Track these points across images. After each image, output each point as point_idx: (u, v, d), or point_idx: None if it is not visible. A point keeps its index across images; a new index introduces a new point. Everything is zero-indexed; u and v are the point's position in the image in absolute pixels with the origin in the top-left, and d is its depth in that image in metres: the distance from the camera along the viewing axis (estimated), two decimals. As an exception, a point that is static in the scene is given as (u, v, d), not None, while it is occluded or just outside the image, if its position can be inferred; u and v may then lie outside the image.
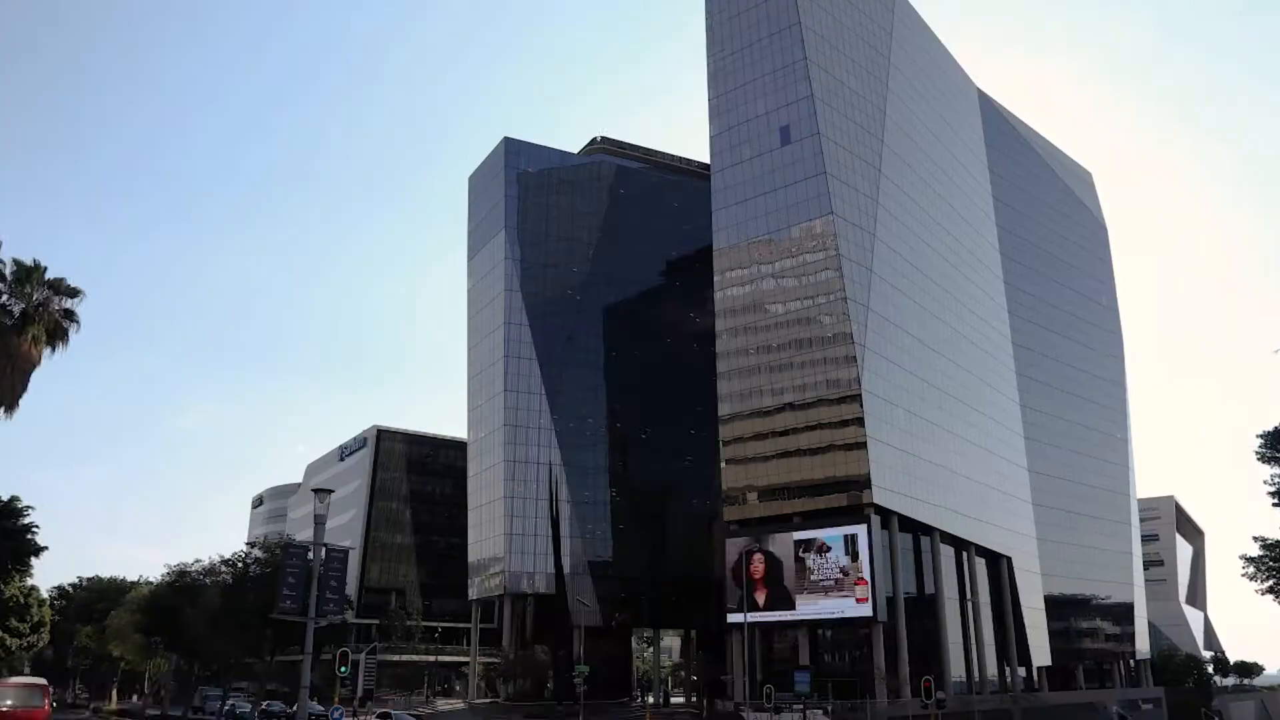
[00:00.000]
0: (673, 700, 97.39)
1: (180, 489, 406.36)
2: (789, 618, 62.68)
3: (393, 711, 51.15)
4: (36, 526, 43.94)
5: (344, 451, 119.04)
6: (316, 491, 38.71)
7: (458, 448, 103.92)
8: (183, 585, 52.18)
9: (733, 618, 64.11)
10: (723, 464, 69.05)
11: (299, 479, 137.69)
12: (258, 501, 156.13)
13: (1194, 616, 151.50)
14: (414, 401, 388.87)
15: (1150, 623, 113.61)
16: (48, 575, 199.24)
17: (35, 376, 35.50)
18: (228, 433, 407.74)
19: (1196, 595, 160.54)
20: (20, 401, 34.48)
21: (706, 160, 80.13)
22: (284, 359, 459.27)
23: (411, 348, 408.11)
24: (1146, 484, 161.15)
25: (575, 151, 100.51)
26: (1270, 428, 34.01)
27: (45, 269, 36.11)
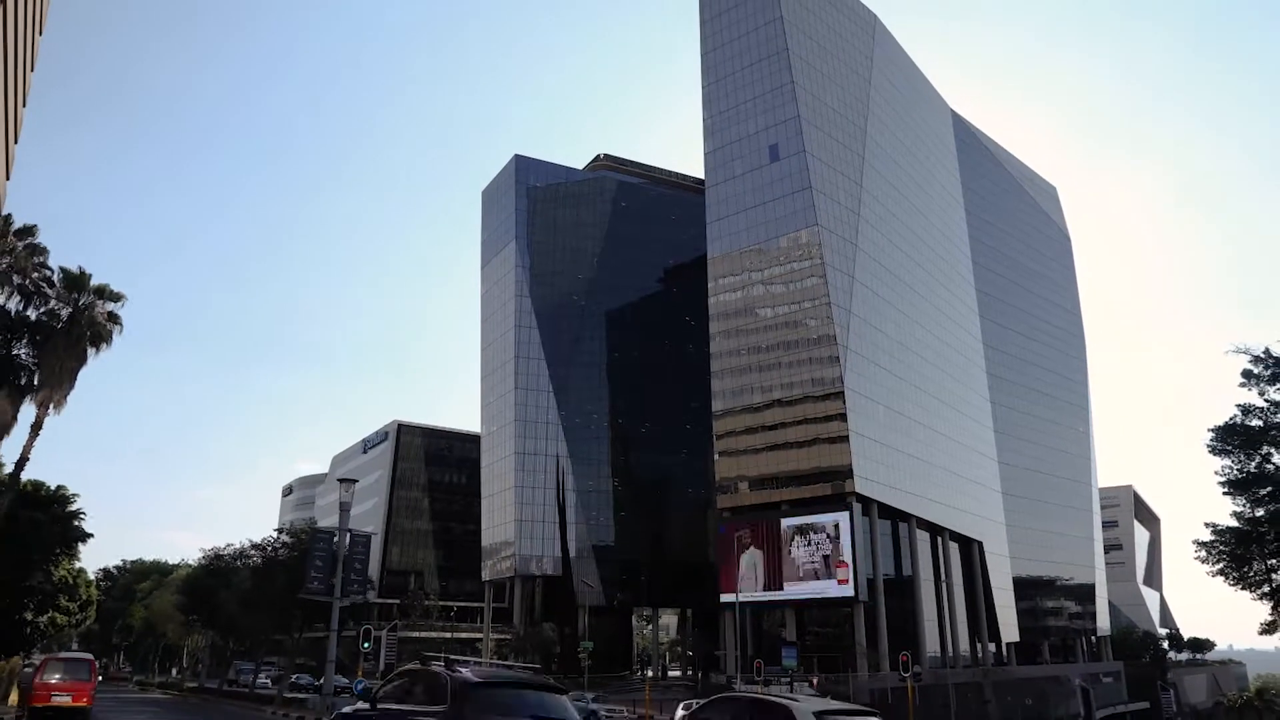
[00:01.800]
0: (670, 674, 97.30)
1: (216, 478, 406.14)
2: (777, 598, 62.69)
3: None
4: (83, 513, 43.88)
5: (367, 444, 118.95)
6: (342, 481, 38.74)
7: (472, 441, 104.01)
8: (217, 568, 52.02)
9: (725, 598, 64.16)
10: (716, 456, 69.05)
11: (326, 469, 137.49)
12: (287, 490, 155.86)
13: (1150, 596, 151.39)
14: (431, 398, 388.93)
15: (1110, 602, 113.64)
16: (93, 558, 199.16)
17: (82, 374, 35.54)
18: (260, 426, 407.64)
19: (1153, 577, 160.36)
20: (68, 398, 34.51)
21: (701, 176, 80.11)
22: (312, 359, 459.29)
23: (429, 349, 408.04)
24: (1107, 474, 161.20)
25: (580, 168, 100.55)
26: (1221, 423, 33.91)
27: (90, 276, 36.18)
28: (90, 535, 44.71)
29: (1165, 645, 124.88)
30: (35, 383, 34.27)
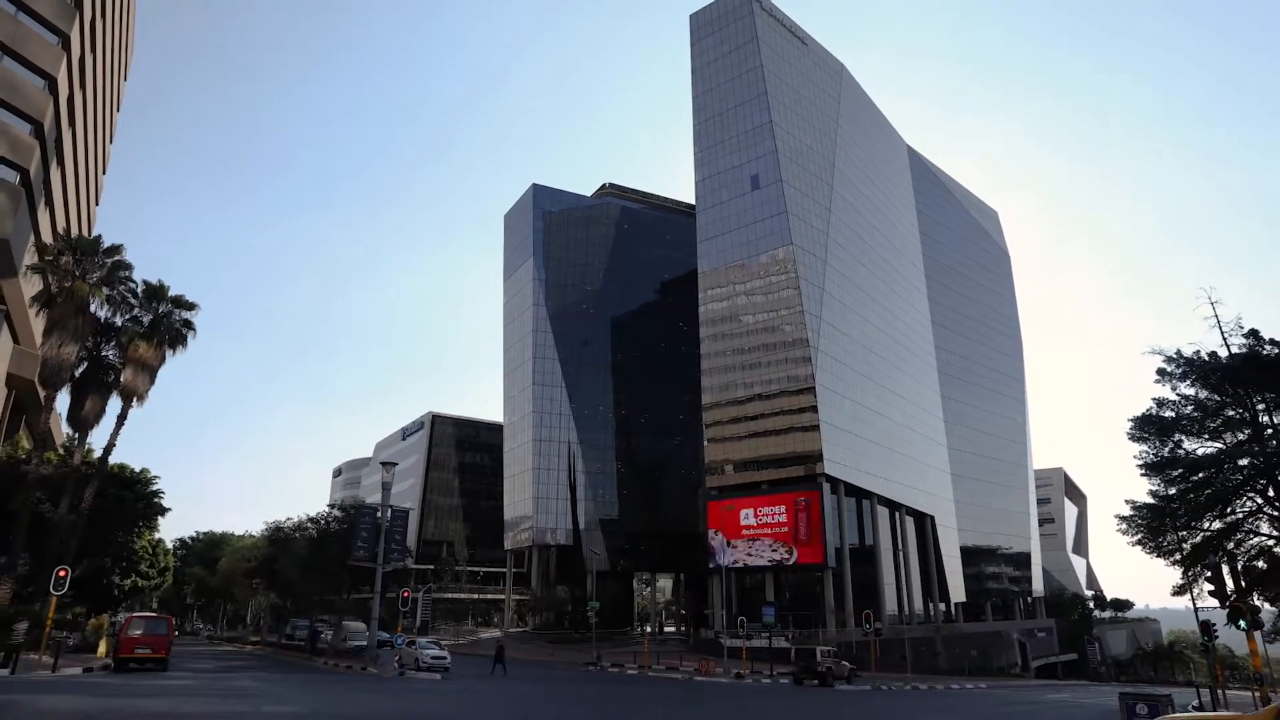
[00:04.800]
0: (666, 630, 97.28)
1: (278, 460, 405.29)
2: (757, 564, 62.66)
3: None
4: (162, 492, 43.75)
5: (406, 432, 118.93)
6: (384, 464, 38.88)
7: (496, 429, 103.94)
8: (277, 539, 52.08)
9: (713, 563, 64.18)
10: (705, 442, 69.01)
11: (370, 454, 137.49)
12: (337, 471, 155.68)
13: (1078, 563, 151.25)
14: (461, 392, 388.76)
15: (1044, 568, 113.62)
16: (170, 530, 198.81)
17: (161, 373, 35.51)
18: (314, 417, 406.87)
19: (1080, 546, 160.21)
20: (149, 393, 34.49)
21: (692, 201, 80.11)
22: (359, 359, 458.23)
23: (459, 350, 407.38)
24: (1040, 458, 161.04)
25: (589, 195, 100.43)
26: (1139, 414, 33.91)
27: (168, 288, 36.15)
28: (168, 510, 44.62)
29: (1091, 605, 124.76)
30: (121, 380, 34.26)
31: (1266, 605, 31.76)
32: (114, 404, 34.59)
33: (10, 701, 15.16)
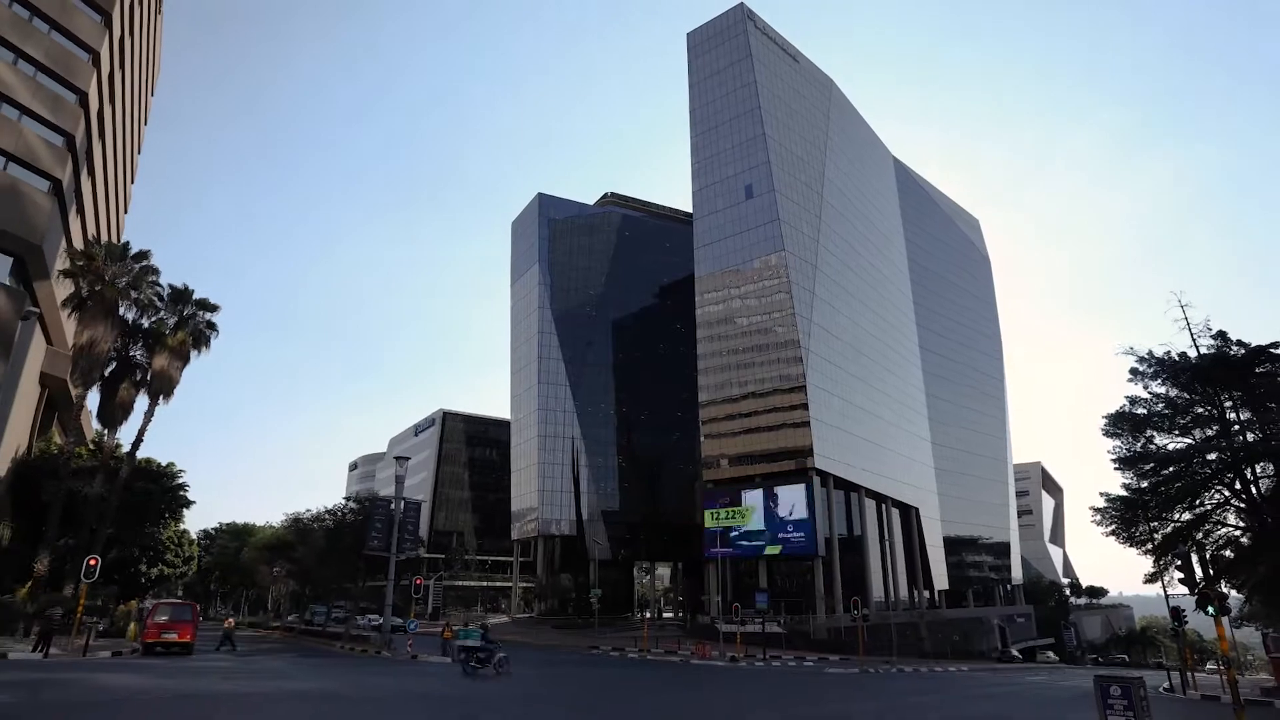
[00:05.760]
0: (664, 615, 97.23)
1: (298, 455, 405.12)
2: (751, 553, 62.62)
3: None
4: (187, 485, 43.74)
5: (418, 428, 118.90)
6: (397, 458, 38.82)
7: (503, 425, 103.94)
8: (296, 529, 51.99)
9: (710, 553, 64.15)
10: (702, 438, 69.00)
11: (384, 449, 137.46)
12: (353, 465, 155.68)
13: (1055, 552, 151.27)
14: (470, 390, 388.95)
15: (1022, 557, 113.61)
16: (195, 521, 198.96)
17: (186, 373, 35.50)
18: (332, 414, 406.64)
19: (1057, 536, 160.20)
20: (175, 392, 34.47)
21: (690, 210, 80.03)
22: (374, 360, 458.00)
23: (469, 351, 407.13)
24: (1019, 453, 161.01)
25: (591, 204, 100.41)
26: (1113, 411, 33.88)
27: (193, 291, 36.14)
28: (193, 502, 44.59)
29: (1067, 592, 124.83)
30: (148, 379, 34.24)
31: (1233, 592, 31.74)
32: (141, 401, 34.60)
33: (72, 680, 15.84)
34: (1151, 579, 33.18)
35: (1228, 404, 30.85)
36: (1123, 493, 33.09)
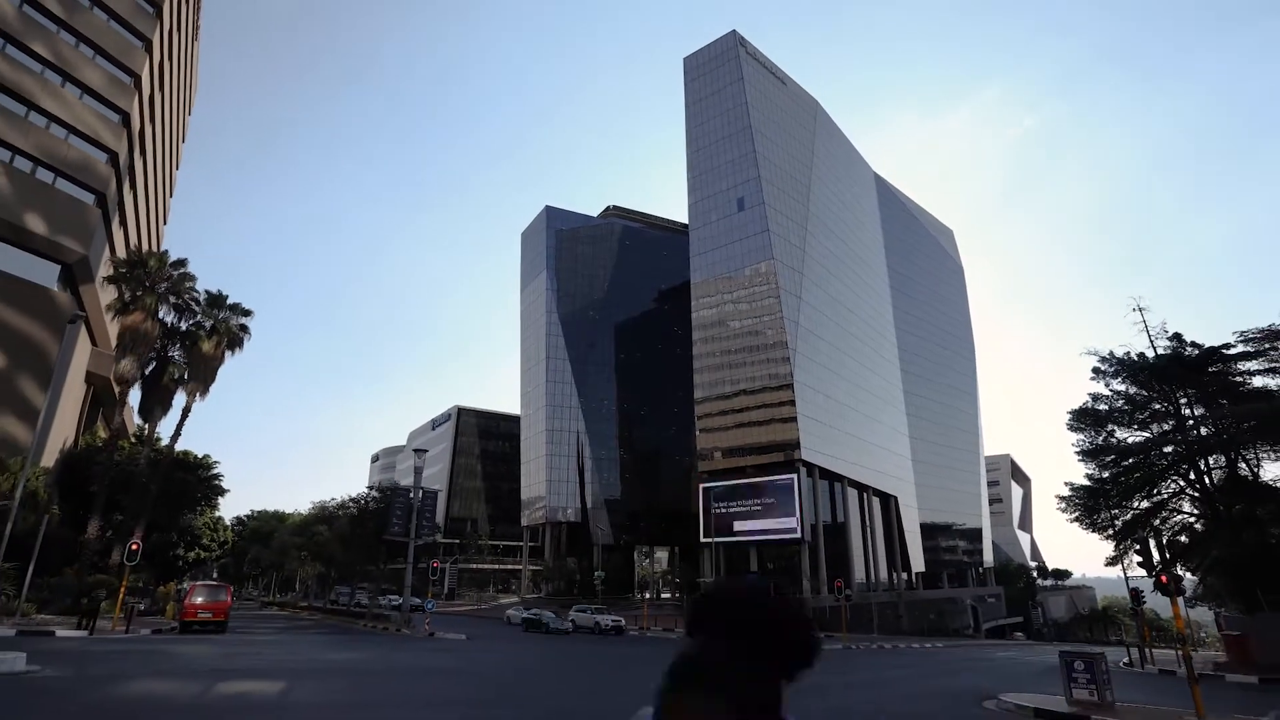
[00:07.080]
0: (663, 596, 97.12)
1: (323, 448, 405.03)
2: (742, 538, 62.66)
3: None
4: (221, 475, 43.76)
5: (435, 423, 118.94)
6: (416, 451, 38.86)
7: (514, 420, 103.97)
8: (323, 516, 52.05)
9: (705, 538, 64.17)
10: (697, 432, 69.02)
11: (404, 442, 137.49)
12: (375, 457, 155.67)
13: (1023, 538, 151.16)
14: (483, 387, 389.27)
15: (993, 542, 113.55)
16: (229, 508, 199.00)
17: (220, 372, 35.53)
18: (356, 410, 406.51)
19: (1025, 523, 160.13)
20: (210, 389, 34.51)
21: (686, 221, 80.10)
22: (396, 359, 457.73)
23: (482, 351, 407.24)
24: (990, 445, 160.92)
25: (595, 215, 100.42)
26: (1077, 406, 33.92)
27: (227, 297, 36.12)
28: (227, 491, 44.61)
29: (1035, 574, 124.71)
30: (185, 377, 34.26)
31: (1188, 575, 31.77)
32: (179, 398, 34.62)
33: (154, 650, 17.23)
34: (1112, 562, 33.21)
35: (1183, 400, 30.89)
36: (1086, 482, 33.13)
